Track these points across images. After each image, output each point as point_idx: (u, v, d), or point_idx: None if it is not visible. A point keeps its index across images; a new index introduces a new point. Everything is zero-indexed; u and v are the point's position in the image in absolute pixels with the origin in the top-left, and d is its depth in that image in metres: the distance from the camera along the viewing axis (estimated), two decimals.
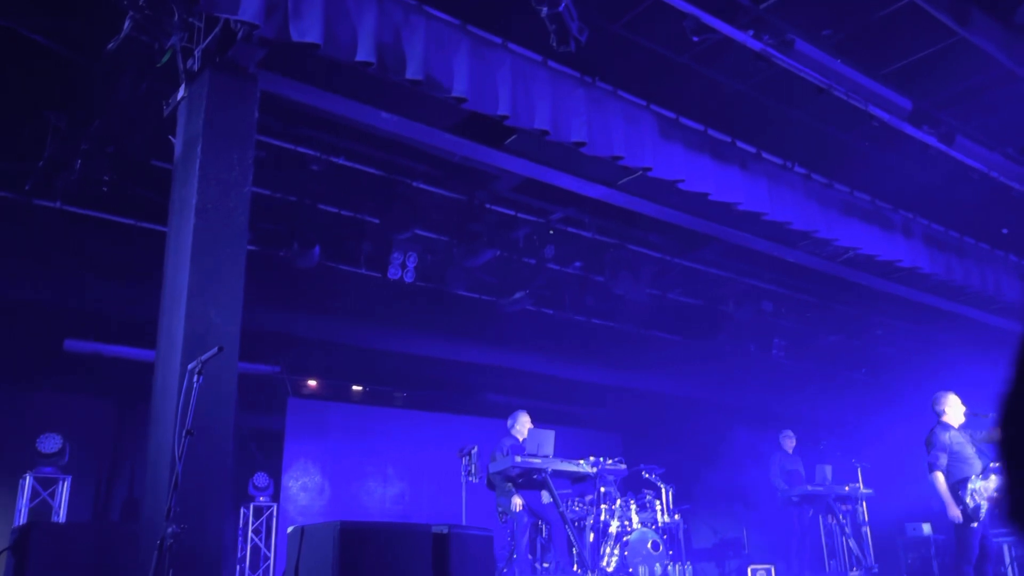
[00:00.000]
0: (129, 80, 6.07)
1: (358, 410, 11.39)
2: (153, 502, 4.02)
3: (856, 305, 10.82)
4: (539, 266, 9.10)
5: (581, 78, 6.09)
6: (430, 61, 5.16)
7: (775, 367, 11.89)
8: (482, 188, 8.04)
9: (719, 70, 6.43)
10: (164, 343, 4.58)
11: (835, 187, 7.78)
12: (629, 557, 8.19)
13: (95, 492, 9.27)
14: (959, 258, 8.79)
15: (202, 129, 4.78)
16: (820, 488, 9.45)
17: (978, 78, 6.57)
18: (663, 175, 6.45)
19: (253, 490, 9.61)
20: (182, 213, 4.78)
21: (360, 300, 9.15)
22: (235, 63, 4.99)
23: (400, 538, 4.09)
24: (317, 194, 7.84)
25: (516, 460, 7.44)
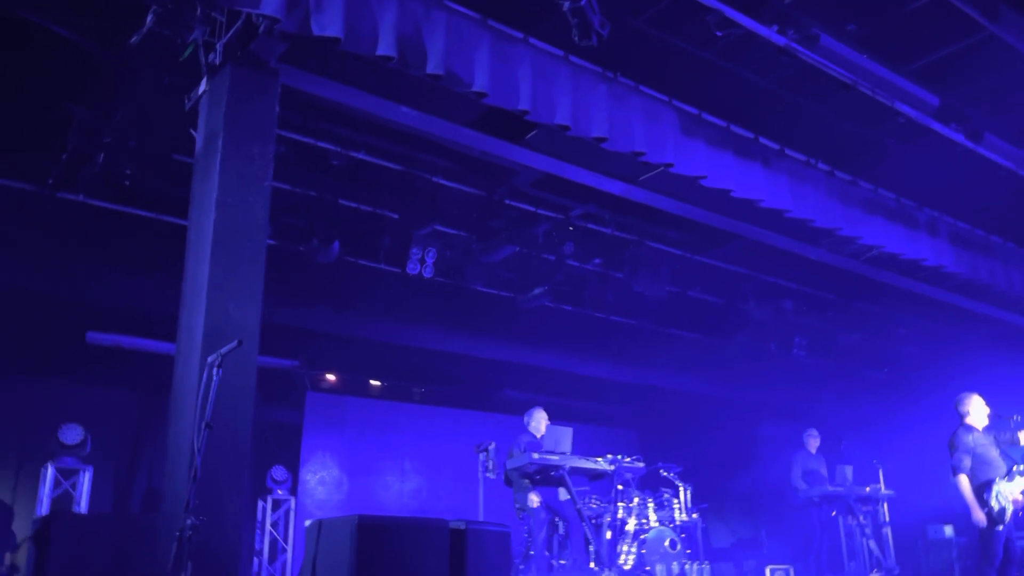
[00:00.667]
0: (151, 74, 6.10)
1: (376, 405, 11.41)
2: (172, 494, 4.04)
3: (879, 304, 10.70)
4: (558, 262, 9.06)
5: (603, 73, 6.05)
6: (451, 56, 5.14)
7: (795, 366, 11.78)
8: (502, 183, 8.02)
9: (742, 65, 6.36)
10: (184, 336, 4.60)
11: (859, 184, 7.69)
12: (646, 555, 8.15)
13: (115, 482, 9.36)
14: (984, 257, 8.66)
15: (223, 123, 4.79)
16: (840, 489, 9.36)
17: (1008, 74, 6.46)
18: (685, 171, 6.39)
19: (271, 483, 9.66)
20: (203, 207, 4.79)
21: (379, 295, 9.16)
22: (256, 57, 5.00)
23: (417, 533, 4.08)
24: (337, 189, 7.85)
25: (534, 457, 7.42)
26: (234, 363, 3.89)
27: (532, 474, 7.64)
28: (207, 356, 3.74)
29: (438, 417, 11.52)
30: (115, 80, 6.25)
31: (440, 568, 4.11)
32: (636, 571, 8.03)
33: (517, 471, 7.70)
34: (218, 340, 4.00)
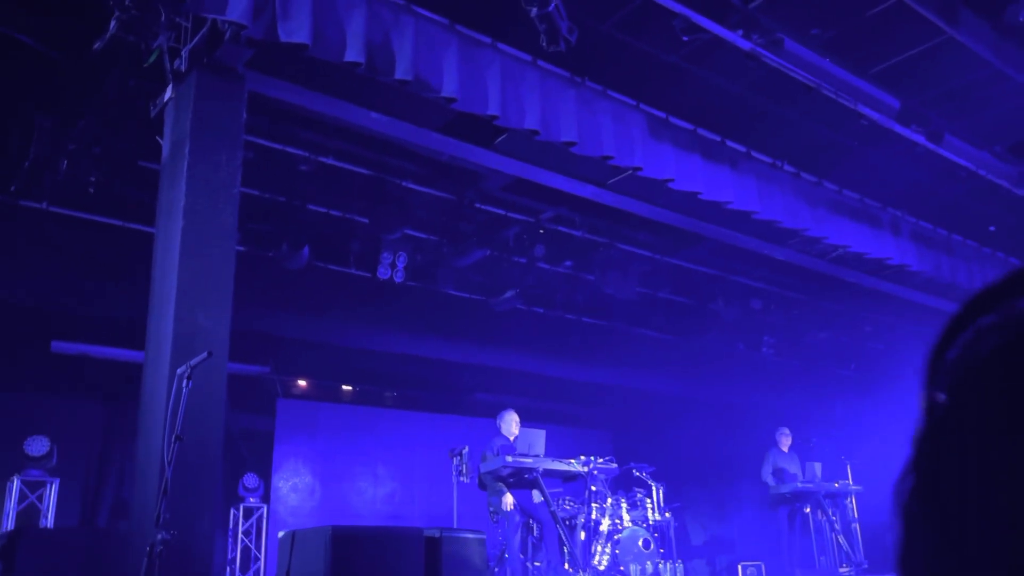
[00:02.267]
0: (116, 80, 6.03)
1: (348, 410, 11.35)
2: (142, 507, 3.99)
3: (845, 302, 10.87)
4: (529, 265, 9.09)
5: (571, 78, 6.09)
6: (419, 61, 5.14)
7: (764, 365, 11.92)
8: (472, 188, 8.03)
9: (709, 69, 6.44)
10: (152, 346, 4.55)
11: (824, 185, 7.81)
12: (620, 555, 8.20)
13: (83, 494, 9.21)
14: (947, 256, 8.84)
15: (190, 130, 4.75)
16: (810, 485, 9.48)
17: (967, 77, 6.60)
18: (653, 174, 6.45)
19: (243, 491, 9.57)
20: (170, 214, 4.74)
21: (350, 300, 9.12)
22: (223, 63, 4.96)
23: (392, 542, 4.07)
24: (306, 194, 7.81)
25: (507, 460, 7.43)
26: (204, 372, 3.86)
27: (506, 477, 7.65)
28: (176, 366, 3.71)
29: (410, 421, 11.49)
30: (79, 87, 6.16)
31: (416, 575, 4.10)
32: (610, 571, 8.08)
33: (491, 474, 7.70)
34: (187, 349, 3.97)
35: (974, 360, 0.42)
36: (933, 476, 0.44)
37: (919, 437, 0.45)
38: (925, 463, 0.44)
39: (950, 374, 0.44)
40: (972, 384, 0.43)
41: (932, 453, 0.44)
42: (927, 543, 0.42)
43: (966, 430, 0.42)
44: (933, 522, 0.43)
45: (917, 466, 0.44)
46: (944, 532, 0.41)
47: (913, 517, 0.44)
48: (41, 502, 7.80)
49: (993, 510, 0.39)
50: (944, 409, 0.44)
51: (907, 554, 0.44)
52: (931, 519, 0.43)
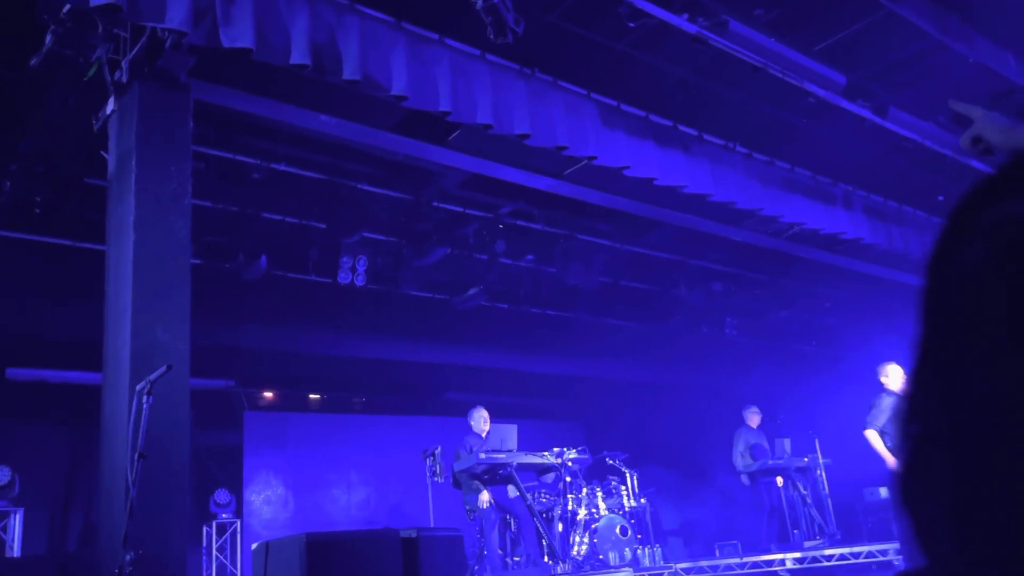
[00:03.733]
0: (57, 96, 5.87)
1: (317, 418, 11.24)
2: (109, 530, 3.90)
3: (804, 280, 11.03)
4: (491, 261, 9.07)
5: (521, 70, 6.08)
6: (367, 60, 5.10)
7: (729, 346, 12.06)
8: (428, 186, 7.98)
9: (657, 55, 6.47)
10: (110, 365, 4.44)
11: (776, 165, 7.90)
12: (598, 544, 8.24)
13: (50, 522, 8.99)
14: (899, 227, 9.01)
15: (135, 142, 4.64)
16: (780, 461, 9.62)
17: (908, 49, 6.73)
18: (608, 163, 6.47)
19: (215, 507, 9.43)
20: (120, 230, 4.64)
21: (312, 307, 9.02)
22: (165, 73, 4.86)
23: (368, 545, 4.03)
24: (260, 203, 7.70)
25: (481, 457, 7.42)
26: (166, 388, 3.78)
27: (480, 474, 7.64)
28: (136, 383, 3.63)
29: (381, 425, 11.42)
30: (18, 104, 6.00)
31: None
32: (589, 560, 8.11)
33: (465, 473, 7.69)
34: (146, 366, 3.88)
35: (986, 239, 0.39)
36: (945, 377, 0.40)
37: (922, 348, 0.42)
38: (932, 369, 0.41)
39: (955, 275, 0.41)
40: (985, 266, 0.40)
41: (940, 352, 0.41)
42: (936, 461, 0.39)
43: (981, 327, 0.39)
44: (943, 438, 0.39)
45: (923, 381, 0.41)
46: (955, 446, 0.38)
47: (920, 434, 0.40)
48: (6, 532, 7.60)
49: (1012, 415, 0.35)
50: (953, 298, 0.41)
51: (917, 475, 0.40)
52: (939, 435, 0.39)
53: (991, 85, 7.34)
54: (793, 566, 8.83)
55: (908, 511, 0.40)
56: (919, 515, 0.40)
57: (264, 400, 11.14)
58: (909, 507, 0.40)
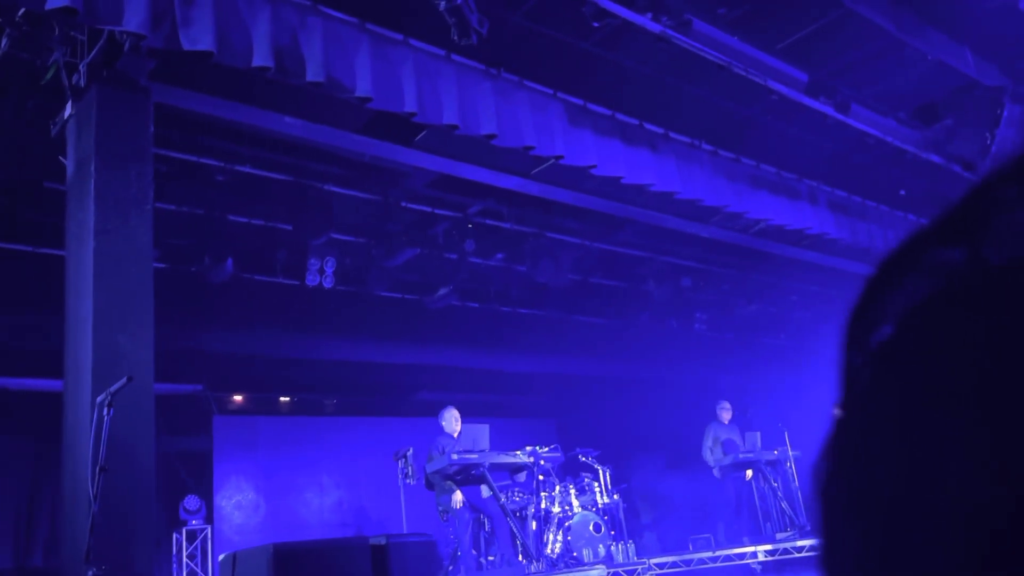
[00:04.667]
0: (13, 99, 5.76)
1: (287, 422, 11.14)
2: (72, 544, 3.83)
3: (771, 274, 11.15)
4: (461, 261, 9.05)
5: (486, 70, 6.07)
6: (330, 62, 5.05)
7: (698, 341, 12.16)
8: (396, 187, 7.94)
9: (622, 54, 6.49)
10: (71, 375, 4.36)
11: (742, 162, 7.98)
12: (572, 541, 8.26)
13: (14, 534, 8.82)
14: (862, 221, 9.15)
15: (94, 147, 4.56)
16: (751, 455, 9.72)
17: (868, 47, 6.82)
18: (575, 162, 6.49)
19: (184, 514, 9.31)
20: (80, 237, 4.55)
21: (280, 310, 8.94)
22: (124, 76, 4.79)
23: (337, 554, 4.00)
24: (226, 205, 7.61)
25: (453, 458, 7.40)
26: (130, 396, 3.72)
27: (453, 475, 7.62)
28: (98, 393, 3.57)
29: (353, 427, 11.35)
30: None
31: None
32: (563, 558, 8.14)
33: (438, 474, 7.66)
34: (109, 374, 3.82)
35: (898, 317, 0.37)
36: (852, 458, 0.38)
37: (838, 413, 0.41)
38: (844, 442, 0.40)
39: (871, 337, 0.39)
40: (894, 347, 0.37)
41: (851, 430, 0.39)
42: (849, 533, 0.38)
43: (885, 402, 0.37)
44: (853, 510, 0.38)
45: (836, 445, 0.40)
46: (865, 521, 0.37)
47: (832, 503, 0.39)
48: None
49: (916, 500, 0.34)
50: (863, 379, 0.40)
51: (829, 547, 0.39)
52: (850, 507, 0.38)
53: (950, 81, 7.47)
54: (765, 558, 8.93)
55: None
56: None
57: (233, 404, 11.02)
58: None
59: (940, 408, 0.34)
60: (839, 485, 0.39)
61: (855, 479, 0.38)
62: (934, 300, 0.36)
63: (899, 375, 0.37)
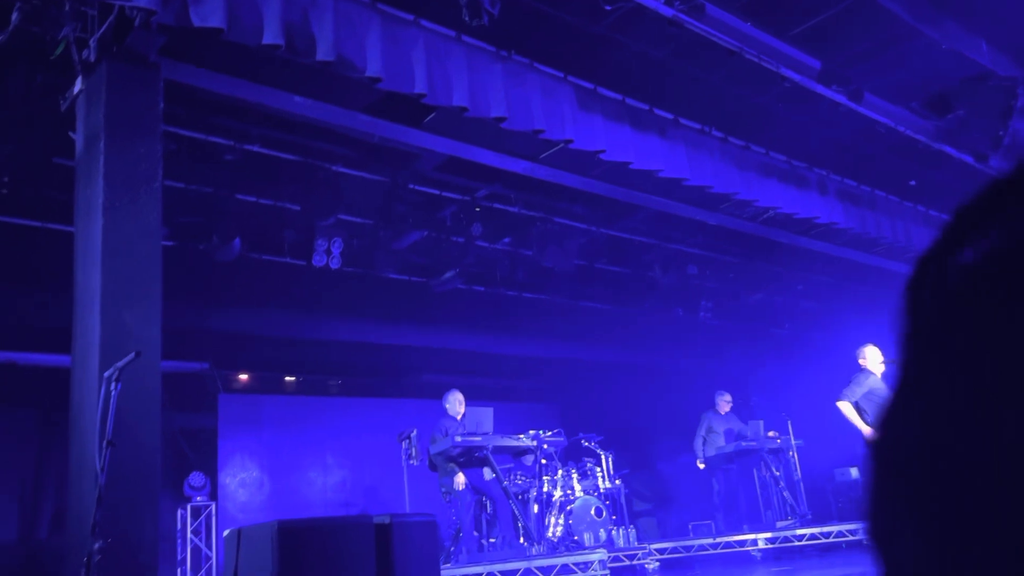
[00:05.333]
0: (23, 75, 5.75)
1: (292, 401, 11.20)
2: (78, 517, 3.86)
3: (778, 263, 11.12)
4: (467, 244, 9.05)
5: (497, 52, 6.03)
6: (341, 41, 5.03)
7: (703, 329, 12.15)
8: (404, 168, 7.92)
9: (634, 38, 6.44)
10: (79, 350, 4.38)
11: (752, 149, 7.93)
12: (574, 525, 8.31)
13: (20, 507, 8.90)
14: (872, 211, 9.10)
15: (103, 123, 4.56)
16: (753, 443, 9.74)
17: (882, 35, 6.76)
18: (584, 146, 6.46)
19: (189, 490, 9.38)
20: (89, 213, 4.56)
21: (287, 290, 8.96)
22: (134, 52, 4.77)
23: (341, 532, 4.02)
24: (234, 184, 7.61)
25: (456, 440, 7.44)
26: (137, 372, 3.74)
27: (456, 457, 7.66)
28: (105, 369, 3.59)
29: (357, 408, 11.40)
30: None
31: (367, 565, 4.07)
32: (564, 541, 8.19)
33: (441, 455, 7.70)
34: (116, 351, 3.84)
35: (977, 260, 0.37)
36: (917, 392, 0.38)
37: (903, 351, 0.40)
38: (911, 378, 0.39)
39: (945, 277, 0.39)
40: (971, 288, 0.37)
41: (918, 366, 0.39)
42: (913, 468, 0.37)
43: (955, 340, 0.37)
44: (918, 448, 0.37)
45: (903, 383, 0.39)
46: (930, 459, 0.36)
47: (898, 442, 0.39)
48: None
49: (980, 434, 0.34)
50: (932, 317, 0.39)
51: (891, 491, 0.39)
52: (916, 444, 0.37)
53: (963, 71, 7.41)
54: (765, 546, 8.97)
55: (876, 532, 0.40)
56: (886, 536, 0.39)
57: (239, 382, 11.08)
58: (877, 527, 0.40)
59: (1009, 350, 0.35)
60: (906, 420, 0.39)
61: (920, 414, 0.38)
62: (1015, 247, 0.36)
63: (973, 315, 0.37)
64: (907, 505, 0.38)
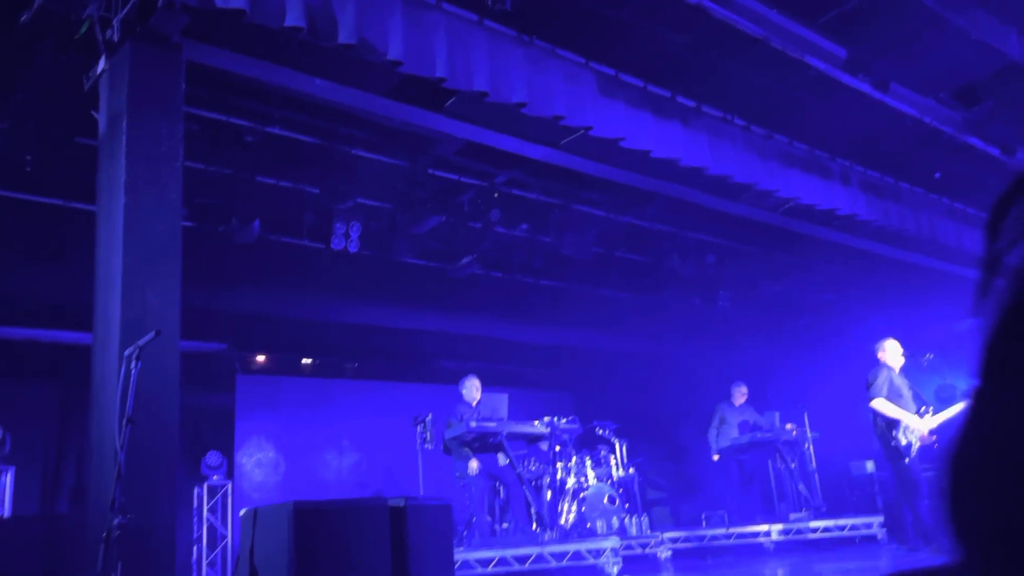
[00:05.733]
0: (47, 53, 5.78)
1: (309, 383, 11.27)
2: (98, 493, 3.91)
3: (798, 254, 11.03)
4: (485, 230, 9.04)
5: (519, 37, 6.00)
6: (363, 24, 5.02)
7: (721, 319, 12.09)
8: (424, 153, 7.92)
9: (657, 24, 6.38)
10: (100, 328, 4.43)
11: (775, 138, 7.85)
12: (586, 512, 8.32)
13: (42, 481, 9.04)
14: (895, 203, 8.99)
15: (126, 103, 4.58)
16: (769, 434, 9.71)
17: (911, 24, 6.65)
18: (604, 134, 6.42)
19: (206, 469, 9.48)
20: (111, 192, 4.59)
21: (305, 272, 9.00)
22: (157, 32, 4.78)
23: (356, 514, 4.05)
24: (253, 166, 7.64)
25: (471, 425, 7.46)
26: (155, 352, 3.77)
27: (470, 442, 7.69)
28: (125, 347, 3.62)
29: (373, 391, 11.46)
30: (9, 61, 5.90)
31: (381, 547, 4.09)
32: (577, 528, 8.20)
33: (455, 440, 7.73)
34: (136, 330, 3.87)
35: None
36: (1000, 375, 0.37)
37: (983, 334, 0.39)
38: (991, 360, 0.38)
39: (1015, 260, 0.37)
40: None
41: (998, 346, 0.37)
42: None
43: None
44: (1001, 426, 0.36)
45: (986, 365, 0.38)
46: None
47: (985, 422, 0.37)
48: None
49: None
50: (1007, 298, 0.38)
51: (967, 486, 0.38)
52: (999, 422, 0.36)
53: (993, 63, 7.28)
54: (778, 537, 8.94)
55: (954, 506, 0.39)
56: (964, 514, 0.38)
57: (256, 364, 11.16)
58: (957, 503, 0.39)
59: None
60: (989, 403, 0.38)
61: (1003, 396, 0.37)
62: None
63: None
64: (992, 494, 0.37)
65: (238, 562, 4.50)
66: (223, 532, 9.48)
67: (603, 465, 8.89)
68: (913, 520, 6.95)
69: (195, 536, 9.37)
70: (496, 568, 6.71)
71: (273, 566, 4.01)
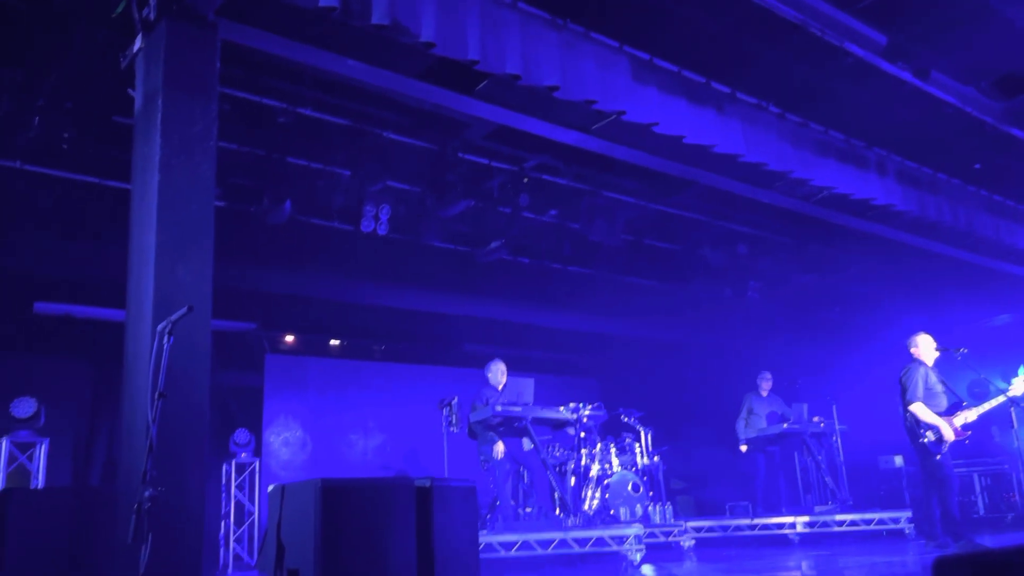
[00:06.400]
0: (84, 32, 5.84)
1: (337, 364, 11.37)
2: (129, 466, 3.97)
3: (830, 245, 10.87)
4: (514, 215, 9.02)
5: (552, 20, 5.94)
6: (396, 5, 5.00)
7: (751, 309, 11.98)
8: (454, 137, 7.90)
9: (693, 8, 6.28)
10: (133, 304, 4.48)
11: (810, 126, 7.73)
12: (610, 499, 8.33)
13: (73, 454, 9.21)
14: (932, 194, 8.82)
15: (162, 81, 4.61)
16: (797, 426, 9.63)
17: (952, 11, 6.49)
18: (637, 119, 6.35)
19: (234, 447, 9.61)
20: (145, 170, 4.63)
21: (334, 254, 9.05)
22: (193, 11, 4.80)
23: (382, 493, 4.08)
24: (285, 147, 7.67)
25: (497, 409, 7.48)
26: (187, 329, 3.81)
27: (496, 426, 7.71)
28: (158, 323, 3.66)
29: (399, 374, 11.53)
30: (47, 39, 5.97)
31: (407, 527, 4.12)
32: (600, 515, 8.21)
33: (481, 424, 7.76)
34: (169, 306, 3.91)
35: None
36: None
37: None
38: None
39: None
40: None
41: None
42: None
43: None
44: None
45: None
46: None
47: None
48: (31, 462, 7.79)
49: None
50: None
51: None
52: None
53: None
54: (804, 530, 8.88)
55: None
56: None
57: (285, 344, 11.28)
58: None
59: None
60: None
61: None
62: None
63: None
64: None
65: (265, 536, 4.56)
66: (250, 508, 9.62)
67: (628, 453, 8.88)
68: (942, 516, 6.86)
69: (223, 512, 9.51)
70: (519, 552, 6.74)
71: (300, 541, 4.05)
